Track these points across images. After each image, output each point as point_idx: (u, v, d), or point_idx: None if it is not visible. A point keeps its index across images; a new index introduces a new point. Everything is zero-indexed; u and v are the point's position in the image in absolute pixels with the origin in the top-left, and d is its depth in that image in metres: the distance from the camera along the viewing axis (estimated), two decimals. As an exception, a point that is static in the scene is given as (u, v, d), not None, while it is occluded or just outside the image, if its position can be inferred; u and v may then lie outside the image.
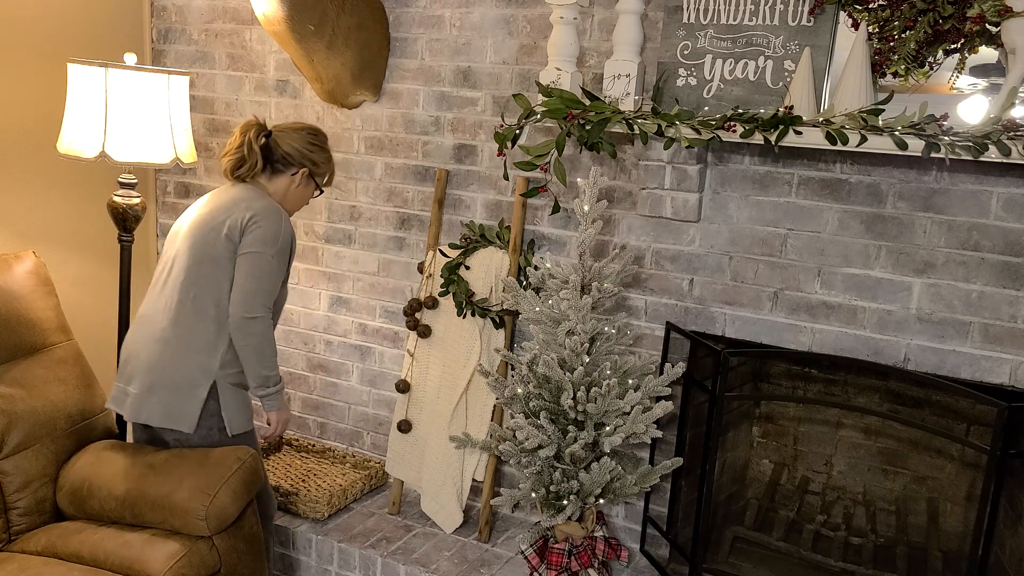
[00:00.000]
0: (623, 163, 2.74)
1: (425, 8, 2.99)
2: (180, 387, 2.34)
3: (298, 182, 2.50)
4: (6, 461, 2.34)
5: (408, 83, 3.07)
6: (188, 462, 2.33)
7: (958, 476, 2.70)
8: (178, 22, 3.48)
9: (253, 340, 2.33)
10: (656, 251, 2.73)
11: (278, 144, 2.46)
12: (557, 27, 2.54)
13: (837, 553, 2.73)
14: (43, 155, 3.05)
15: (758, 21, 2.40)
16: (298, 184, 2.50)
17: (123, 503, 2.31)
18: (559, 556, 2.46)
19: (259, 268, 2.33)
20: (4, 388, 2.39)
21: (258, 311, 2.32)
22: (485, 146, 2.96)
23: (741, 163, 2.57)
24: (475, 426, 2.89)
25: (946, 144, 2.04)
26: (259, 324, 2.33)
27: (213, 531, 2.27)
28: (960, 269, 2.35)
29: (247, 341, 2.33)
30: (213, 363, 2.35)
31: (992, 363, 2.34)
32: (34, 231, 3.15)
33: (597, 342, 2.43)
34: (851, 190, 2.45)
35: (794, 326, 2.56)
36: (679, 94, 2.51)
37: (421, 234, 3.11)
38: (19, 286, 2.54)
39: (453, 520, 2.91)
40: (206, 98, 3.47)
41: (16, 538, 2.34)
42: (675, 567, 2.76)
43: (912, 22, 2.18)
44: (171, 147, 2.75)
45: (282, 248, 2.38)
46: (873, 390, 2.74)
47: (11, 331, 2.48)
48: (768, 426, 2.98)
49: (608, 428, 2.34)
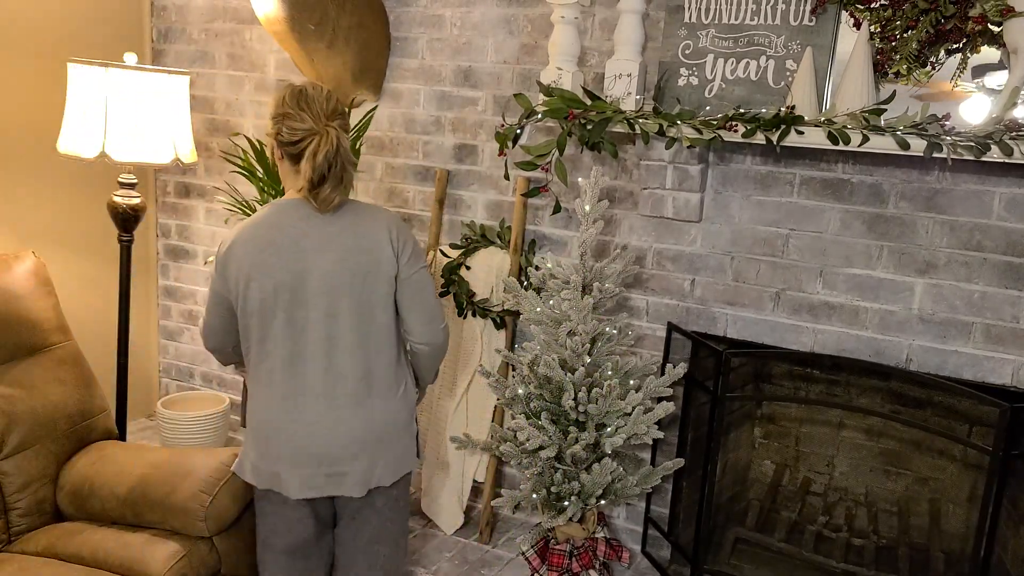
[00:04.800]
0: (624, 163, 2.73)
1: (426, 8, 2.98)
2: (402, 438, 2.12)
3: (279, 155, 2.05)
4: (6, 461, 2.34)
5: (409, 83, 3.06)
6: (188, 462, 2.33)
7: (960, 477, 2.69)
8: (178, 22, 3.47)
9: (446, 346, 2.17)
10: (657, 251, 2.72)
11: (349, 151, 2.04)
12: (558, 27, 2.54)
13: (839, 554, 2.72)
14: (43, 155, 3.05)
15: (760, 20, 2.40)
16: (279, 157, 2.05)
17: (124, 502, 2.31)
18: (560, 557, 2.45)
19: (425, 284, 2.08)
20: (4, 388, 2.39)
21: (441, 321, 2.13)
22: (486, 146, 2.95)
23: (743, 163, 2.56)
24: (476, 427, 2.88)
25: (948, 144, 2.04)
26: (447, 329, 2.16)
27: (213, 532, 2.27)
28: (962, 269, 2.34)
29: (442, 350, 2.15)
30: (412, 397, 2.15)
31: (994, 364, 2.33)
32: (34, 231, 3.14)
33: (598, 343, 2.43)
34: (853, 190, 2.44)
35: (796, 326, 2.56)
36: (680, 94, 2.51)
37: (422, 234, 3.11)
38: (19, 286, 2.53)
39: (454, 521, 2.91)
40: (206, 98, 3.47)
41: (16, 539, 2.34)
42: (676, 568, 2.75)
43: (914, 22, 2.18)
44: (171, 147, 2.75)
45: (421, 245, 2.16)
46: (875, 391, 2.73)
47: (11, 331, 2.47)
48: (770, 427, 2.97)
49: (609, 429, 2.34)
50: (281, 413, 2.02)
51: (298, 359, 2.01)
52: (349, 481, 2.05)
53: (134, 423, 3.58)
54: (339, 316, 1.99)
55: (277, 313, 1.99)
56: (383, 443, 2.07)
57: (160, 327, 3.78)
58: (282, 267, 1.97)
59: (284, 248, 1.97)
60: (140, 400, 3.70)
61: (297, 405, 2.02)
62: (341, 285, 1.98)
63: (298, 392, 2.02)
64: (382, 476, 2.08)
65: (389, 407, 2.07)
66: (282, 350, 2.01)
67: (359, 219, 2.02)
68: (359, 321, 2.01)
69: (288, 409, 2.02)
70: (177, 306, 3.71)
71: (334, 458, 2.03)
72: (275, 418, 2.03)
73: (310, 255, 1.97)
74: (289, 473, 2.03)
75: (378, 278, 2.00)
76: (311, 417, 2.02)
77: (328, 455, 2.03)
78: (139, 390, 3.68)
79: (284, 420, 2.02)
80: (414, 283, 2.04)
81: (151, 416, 3.75)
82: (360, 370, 2.02)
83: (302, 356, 2.01)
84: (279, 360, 2.01)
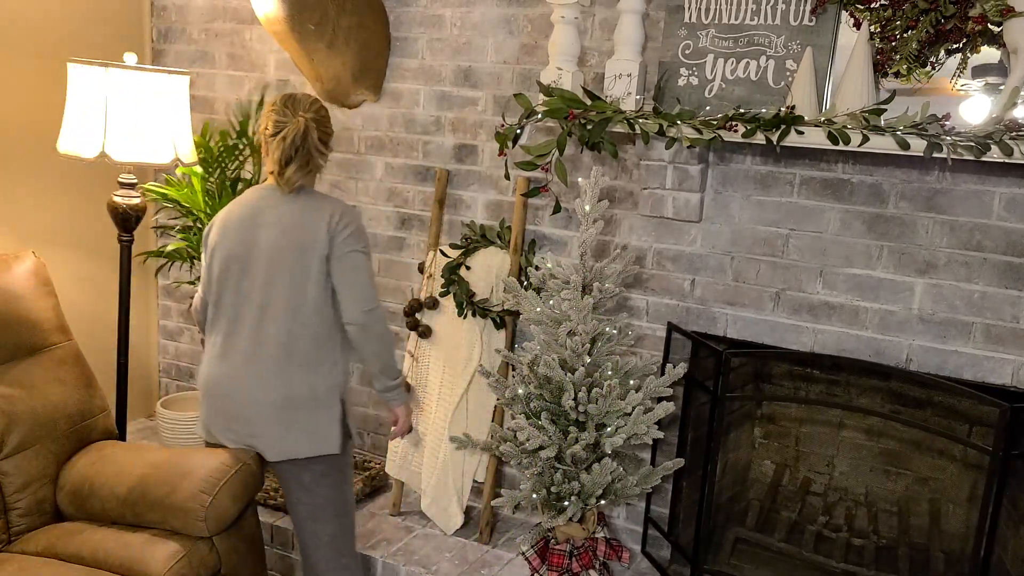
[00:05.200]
0: (624, 163, 2.73)
1: (426, 7, 2.98)
2: (317, 412, 2.24)
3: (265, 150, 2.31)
4: (6, 461, 2.34)
5: (409, 83, 3.06)
6: (188, 462, 2.33)
7: (960, 477, 2.69)
8: (178, 22, 3.47)
9: (378, 329, 2.24)
10: (657, 251, 2.72)
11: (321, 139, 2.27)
12: (558, 27, 2.54)
13: (839, 554, 2.72)
14: (43, 155, 3.05)
15: (760, 20, 2.40)
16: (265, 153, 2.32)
17: (124, 502, 2.31)
18: (560, 557, 2.45)
19: (360, 267, 2.22)
20: (4, 388, 2.39)
21: (375, 302, 2.23)
22: (486, 146, 2.95)
23: (743, 163, 2.56)
24: (476, 427, 2.88)
25: (948, 144, 2.04)
26: (379, 313, 2.23)
27: (213, 532, 2.27)
28: (962, 269, 2.34)
29: (373, 333, 2.23)
30: (338, 378, 2.27)
31: (994, 364, 2.33)
32: (34, 231, 3.14)
33: (598, 343, 2.43)
34: (853, 190, 2.44)
35: (796, 326, 2.55)
36: (680, 94, 2.51)
37: (421, 234, 3.11)
38: (19, 286, 2.53)
39: (454, 521, 2.91)
40: (206, 98, 3.47)
41: (16, 539, 2.34)
42: (676, 568, 2.75)
43: (914, 22, 2.18)
44: (171, 147, 2.75)
45: (365, 234, 2.27)
46: (875, 391, 2.73)
47: (11, 331, 2.47)
48: (770, 427, 2.97)
49: (609, 429, 2.34)
50: (215, 371, 2.27)
51: (237, 323, 2.24)
52: (263, 444, 2.25)
53: (134, 423, 3.58)
54: (274, 285, 2.20)
55: (229, 283, 2.24)
56: (298, 413, 2.22)
57: (160, 327, 3.78)
58: (238, 240, 2.23)
59: (243, 223, 2.24)
60: (140, 400, 3.70)
61: (227, 364, 2.25)
62: (280, 258, 2.19)
63: (230, 352, 2.25)
64: (296, 447, 2.23)
65: (307, 379, 2.22)
66: (228, 315, 2.25)
67: (311, 201, 2.24)
68: (292, 293, 2.20)
69: (221, 367, 2.26)
70: (177, 306, 3.71)
71: (248, 419, 2.25)
72: (210, 375, 2.28)
73: (260, 229, 2.22)
74: (219, 427, 2.30)
75: (313, 254, 2.18)
76: (235, 375, 2.24)
77: (243, 415, 2.25)
78: (139, 390, 3.68)
79: (216, 377, 2.27)
80: (346, 262, 2.19)
81: (151, 416, 3.75)
82: (284, 337, 2.20)
83: (241, 320, 2.24)
84: (224, 324, 2.26)
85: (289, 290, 2.20)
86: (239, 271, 2.23)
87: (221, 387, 2.27)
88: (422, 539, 2.87)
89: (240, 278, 2.23)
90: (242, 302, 2.23)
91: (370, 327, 2.22)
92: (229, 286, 2.24)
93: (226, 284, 2.24)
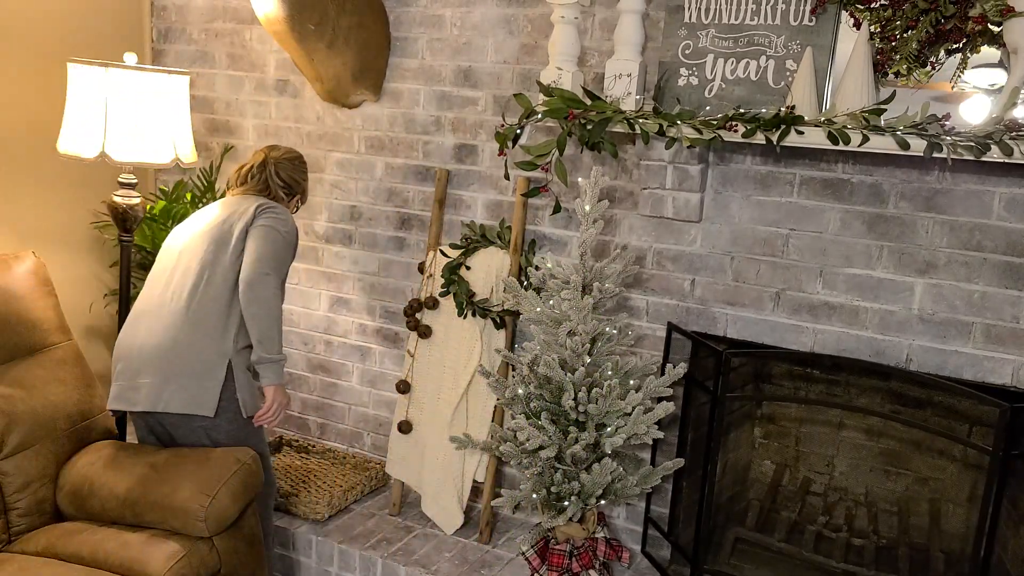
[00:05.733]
0: (624, 163, 2.73)
1: (426, 7, 2.98)
2: (199, 372, 2.35)
3: (293, 208, 2.65)
4: (6, 461, 2.34)
5: (409, 83, 3.06)
6: (188, 462, 2.33)
7: (960, 477, 2.69)
8: (178, 22, 3.47)
9: (265, 294, 2.34)
10: (657, 251, 2.72)
11: (278, 173, 2.58)
12: (558, 26, 2.54)
13: (839, 554, 2.72)
14: (43, 155, 3.05)
15: (760, 20, 2.40)
16: (293, 211, 2.65)
17: (124, 502, 2.31)
18: (560, 557, 2.45)
19: (270, 238, 2.39)
20: (4, 388, 2.39)
21: (268, 270, 2.35)
22: (486, 146, 2.95)
23: (743, 163, 2.56)
24: (476, 427, 2.88)
25: (948, 144, 2.04)
26: (270, 281, 2.35)
27: (213, 532, 2.27)
28: (962, 269, 2.34)
29: (259, 295, 2.33)
30: (228, 345, 2.37)
31: (994, 364, 2.33)
32: (34, 231, 3.14)
33: (598, 343, 2.43)
34: (853, 190, 2.44)
35: (796, 326, 2.55)
36: (680, 94, 2.51)
37: (421, 234, 3.11)
38: (19, 286, 2.53)
39: (454, 521, 2.91)
40: (206, 98, 3.47)
41: (16, 539, 2.34)
42: (676, 568, 2.75)
43: (914, 22, 2.17)
44: (171, 147, 2.75)
45: (290, 232, 2.47)
46: (875, 391, 2.73)
47: (11, 331, 2.47)
48: (770, 427, 2.97)
49: (609, 429, 2.34)
50: (127, 327, 2.47)
51: (156, 284, 2.47)
52: (140, 395, 2.36)
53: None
54: (196, 252, 2.42)
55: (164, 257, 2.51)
56: (180, 366, 2.34)
57: (160, 327, 3.78)
58: (184, 228, 2.55)
59: (192, 218, 2.58)
60: (140, 400, 3.70)
61: (133, 318, 2.47)
62: (210, 229, 2.44)
63: (142, 309, 2.45)
64: (169, 400, 2.34)
65: (196, 337, 2.35)
66: (154, 279, 2.49)
67: (258, 197, 2.52)
68: (209, 257, 2.40)
69: (131, 323, 2.46)
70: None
71: (135, 368, 2.38)
72: (120, 336, 2.49)
73: (204, 215, 2.53)
74: (115, 386, 2.43)
75: (237, 225, 2.42)
76: (136, 325, 2.43)
77: (132, 364, 2.39)
78: (139, 390, 3.68)
79: (125, 333, 2.46)
80: (260, 231, 2.40)
81: (151, 416, 3.74)
82: (187, 296, 2.38)
83: (161, 282, 2.46)
84: (147, 287, 2.50)
85: (207, 254, 2.41)
86: (177, 250, 2.48)
87: (123, 342, 2.45)
88: (422, 539, 2.87)
89: (176, 255, 2.47)
90: (168, 268, 2.46)
91: (257, 288, 2.33)
92: (163, 259, 2.51)
93: (161, 260, 2.51)
